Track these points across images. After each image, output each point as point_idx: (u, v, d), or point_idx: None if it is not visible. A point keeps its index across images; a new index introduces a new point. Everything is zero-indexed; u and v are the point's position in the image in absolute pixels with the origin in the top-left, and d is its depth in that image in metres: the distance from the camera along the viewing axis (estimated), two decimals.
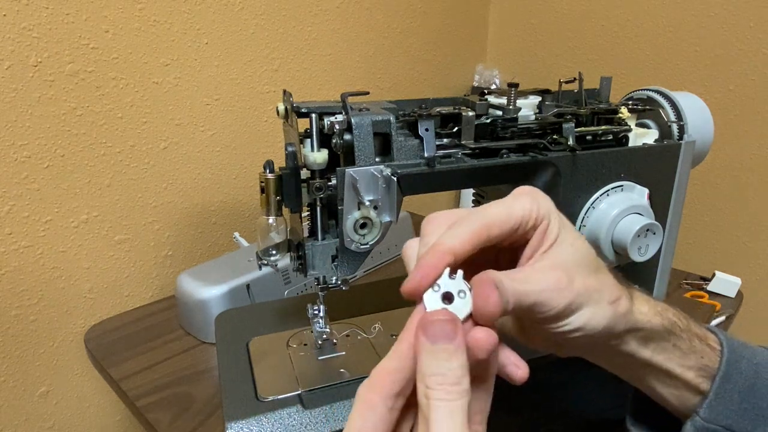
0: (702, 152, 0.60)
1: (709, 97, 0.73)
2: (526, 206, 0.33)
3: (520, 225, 0.32)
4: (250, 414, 0.47)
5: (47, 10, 0.68)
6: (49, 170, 0.72)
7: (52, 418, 0.79)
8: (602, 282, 0.34)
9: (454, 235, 0.31)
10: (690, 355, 0.37)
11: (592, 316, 0.33)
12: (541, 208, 0.33)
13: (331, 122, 0.45)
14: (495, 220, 0.32)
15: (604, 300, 0.33)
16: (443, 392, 0.26)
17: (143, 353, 0.70)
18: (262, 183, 0.46)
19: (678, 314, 0.38)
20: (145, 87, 0.79)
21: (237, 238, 0.87)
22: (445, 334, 0.27)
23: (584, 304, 0.32)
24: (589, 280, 0.33)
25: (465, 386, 0.26)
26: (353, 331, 0.59)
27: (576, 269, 0.33)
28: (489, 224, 0.31)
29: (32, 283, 0.73)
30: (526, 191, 0.34)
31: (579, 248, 0.34)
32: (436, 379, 0.26)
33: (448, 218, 0.33)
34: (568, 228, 0.34)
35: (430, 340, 0.27)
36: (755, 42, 1.01)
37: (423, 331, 0.27)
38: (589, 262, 0.34)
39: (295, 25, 0.95)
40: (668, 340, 0.37)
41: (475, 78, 1.39)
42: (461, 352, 0.27)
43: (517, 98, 0.52)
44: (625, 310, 0.34)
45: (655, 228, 0.52)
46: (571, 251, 0.33)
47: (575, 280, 0.32)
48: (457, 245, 0.30)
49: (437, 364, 0.26)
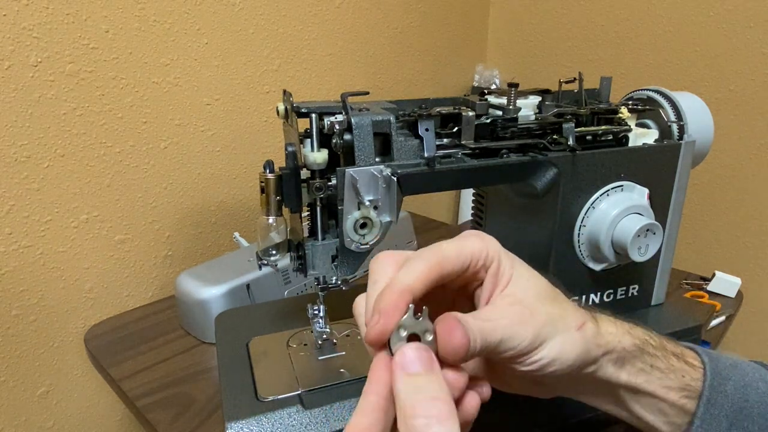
0: (702, 152, 0.60)
1: (709, 97, 0.73)
2: (476, 245, 0.33)
3: (470, 262, 0.32)
4: (250, 414, 0.47)
5: (47, 10, 0.68)
6: (49, 170, 0.72)
7: (52, 418, 0.79)
8: (564, 309, 0.34)
9: (409, 272, 0.30)
10: (669, 375, 0.36)
11: (562, 345, 0.32)
12: (490, 249, 0.33)
13: (331, 122, 0.45)
14: (447, 255, 0.32)
15: (570, 327, 0.33)
16: (436, 423, 0.24)
17: (143, 353, 0.70)
18: (262, 183, 0.46)
19: (648, 332, 0.37)
20: (145, 87, 0.79)
21: (237, 238, 0.87)
22: (423, 363, 0.26)
23: (551, 333, 0.32)
24: (551, 308, 0.33)
25: (453, 412, 0.25)
26: (353, 331, 0.59)
27: (535, 301, 0.33)
28: (442, 260, 0.31)
29: (32, 283, 0.73)
30: (473, 233, 0.34)
31: (534, 282, 0.34)
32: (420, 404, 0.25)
33: (394, 258, 0.33)
34: (518, 263, 0.34)
35: (405, 369, 0.26)
36: (755, 42, 1.01)
37: (401, 368, 0.26)
38: (547, 293, 0.34)
39: (295, 25, 0.95)
40: (643, 360, 0.36)
41: (475, 78, 1.39)
42: (441, 379, 0.26)
43: (517, 98, 0.52)
44: (593, 333, 0.34)
45: (655, 228, 0.52)
46: (527, 285, 0.33)
47: (537, 311, 0.32)
48: (413, 282, 0.29)
49: (420, 396, 0.25)
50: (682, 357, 0.37)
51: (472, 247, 0.33)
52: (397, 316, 0.27)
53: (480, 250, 0.33)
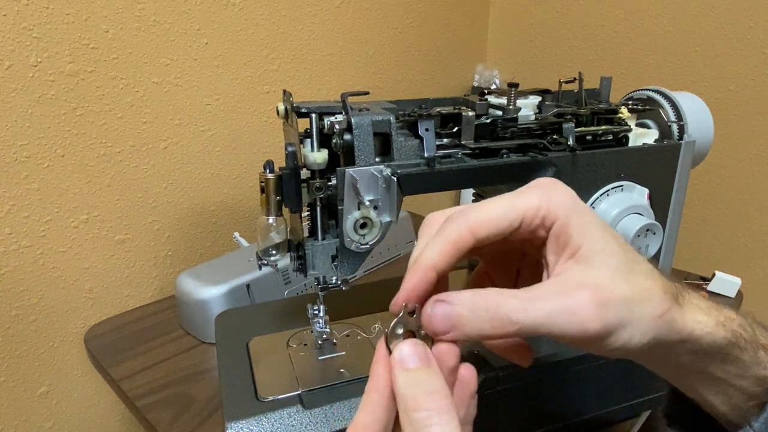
0: (702, 152, 0.60)
1: (709, 97, 0.73)
2: (532, 202, 0.28)
3: (521, 223, 0.28)
4: (250, 414, 0.47)
5: (47, 10, 0.68)
6: (49, 170, 0.72)
7: (52, 418, 0.79)
8: (645, 289, 0.28)
9: (434, 247, 0.28)
10: (751, 367, 0.32)
11: (633, 332, 0.28)
12: (552, 204, 0.28)
13: (331, 122, 0.45)
14: (483, 220, 0.28)
15: (650, 315, 0.28)
16: (435, 415, 0.25)
17: (143, 353, 0.70)
18: (262, 183, 0.46)
19: (744, 324, 0.32)
20: (145, 87, 0.79)
21: (237, 238, 0.87)
22: (419, 358, 0.27)
23: (624, 321, 0.27)
24: (629, 289, 0.28)
25: (451, 405, 0.26)
26: (353, 331, 0.59)
27: (611, 281, 0.27)
28: (474, 227, 0.28)
29: (32, 283, 0.73)
30: (542, 183, 0.30)
31: (612, 249, 0.28)
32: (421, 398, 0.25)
33: (439, 220, 0.31)
34: (593, 224, 0.28)
35: (404, 366, 0.27)
36: (755, 42, 1.01)
37: (399, 364, 0.27)
38: (627, 265, 0.28)
39: (295, 25, 0.95)
40: (728, 352, 0.31)
41: (475, 78, 1.39)
42: (439, 373, 0.27)
43: (517, 98, 0.52)
44: (675, 322, 0.29)
45: (655, 228, 0.52)
46: (603, 255, 0.28)
47: (611, 297, 0.27)
48: (436, 259, 0.28)
49: (419, 390, 0.26)
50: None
51: (525, 205, 0.28)
52: (414, 298, 0.29)
53: (536, 208, 0.28)
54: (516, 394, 0.53)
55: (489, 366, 0.52)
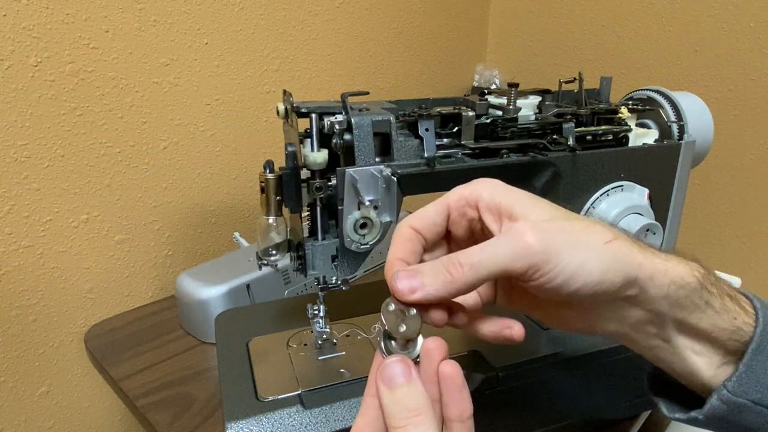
0: (702, 152, 0.60)
1: (709, 97, 0.73)
2: (457, 192, 0.34)
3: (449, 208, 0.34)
4: (250, 414, 0.47)
5: (47, 10, 0.68)
6: (49, 170, 0.72)
7: (52, 418, 0.79)
8: (586, 224, 0.31)
9: (392, 247, 0.34)
10: (723, 315, 0.32)
11: (583, 258, 0.29)
12: (474, 186, 0.34)
13: (331, 122, 0.45)
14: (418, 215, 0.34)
15: (594, 240, 0.30)
16: (411, 426, 0.28)
17: (143, 353, 0.70)
18: (262, 183, 0.46)
19: (704, 271, 0.33)
20: (145, 87, 0.79)
21: (237, 238, 0.87)
22: (403, 375, 0.30)
23: (568, 246, 0.30)
24: (566, 223, 0.31)
25: (430, 415, 0.29)
26: (353, 331, 0.59)
27: (548, 218, 0.31)
28: (412, 222, 0.34)
29: (32, 283, 0.73)
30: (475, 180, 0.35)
31: (542, 206, 0.32)
32: (402, 415, 0.28)
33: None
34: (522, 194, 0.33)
35: (386, 384, 0.29)
36: (755, 42, 1.01)
37: (382, 383, 0.30)
38: (563, 213, 0.32)
39: (295, 25, 0.95)
40: (700, 295, 0.32)
41: (475, 78, 1.39)
42: (418, 386, 0.29)
43: (517, 98, 0.52)
44: (627, 251, 0.30)
45: (655, 228, 0.52)
46: (535, 211, 0.32)
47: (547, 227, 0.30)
48: (399, 254, 0.34)
49: (398, 408, 0.29)
50: (736, 299, 0.34)
51: (451, 196, 0.34)
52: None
53: (459, 195, 0.34)
54: (516, 394, 0.53)
55: (489, 366, 0.52)
